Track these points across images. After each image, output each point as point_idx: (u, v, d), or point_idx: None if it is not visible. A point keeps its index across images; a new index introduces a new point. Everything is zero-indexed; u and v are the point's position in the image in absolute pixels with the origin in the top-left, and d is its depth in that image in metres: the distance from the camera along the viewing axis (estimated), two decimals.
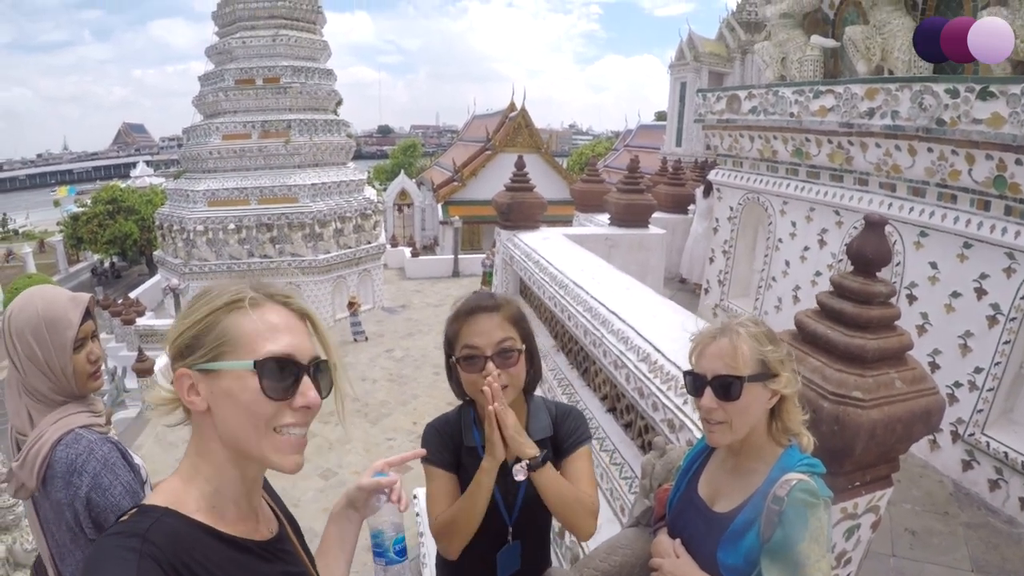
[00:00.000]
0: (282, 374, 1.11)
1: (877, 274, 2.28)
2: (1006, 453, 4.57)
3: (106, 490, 1.87)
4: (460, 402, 2.15)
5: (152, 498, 1.10)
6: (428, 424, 2.16)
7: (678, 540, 1.80)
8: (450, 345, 2.02)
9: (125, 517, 1.05)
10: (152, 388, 1.12)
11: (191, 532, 1.05)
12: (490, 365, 1.89)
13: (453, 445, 2.09)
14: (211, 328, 1.11)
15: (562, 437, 2.12)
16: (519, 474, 1.85)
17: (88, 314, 2.06)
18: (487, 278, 24.93)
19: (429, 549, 6.84)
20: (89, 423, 1.99)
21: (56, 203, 55.60)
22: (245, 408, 1.09)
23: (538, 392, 2.23)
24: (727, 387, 1.58)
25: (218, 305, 1.12)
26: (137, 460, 2.12)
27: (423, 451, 1.89)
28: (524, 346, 1.98)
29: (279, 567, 1.20)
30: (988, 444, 4.71)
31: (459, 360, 1.95)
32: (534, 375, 2.07)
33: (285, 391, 1.12)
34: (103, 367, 2.19)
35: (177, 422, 1.20)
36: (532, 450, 1.87)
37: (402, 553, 1.45)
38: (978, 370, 4.86)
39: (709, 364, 1.62)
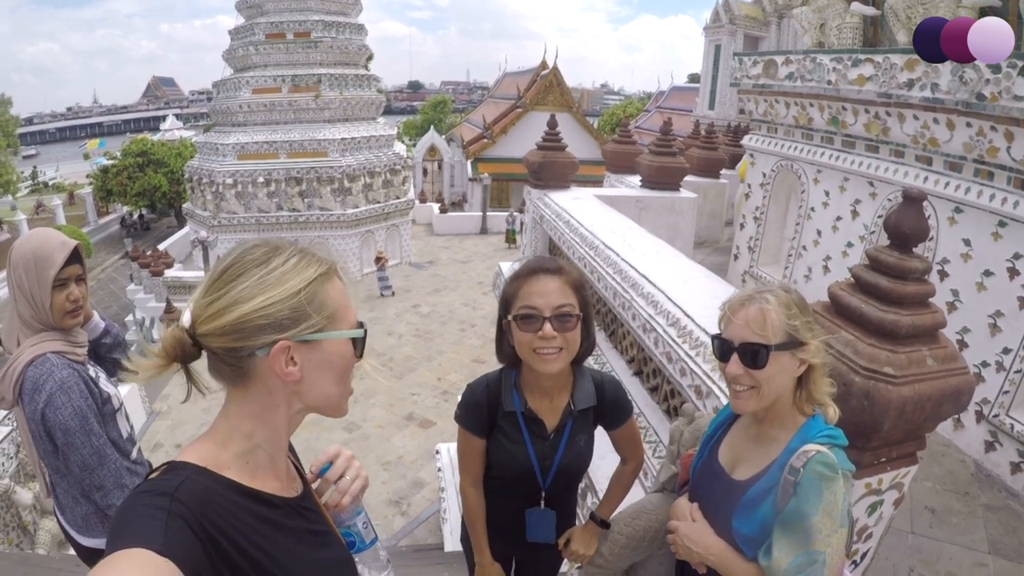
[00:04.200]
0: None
1: (913, 250, 2.26)
2: None
3: (57, 409, 2.14)
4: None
5: (184, 454, 1.10)
6: (469, 384, 2.19)
7: (695, 504, 1.82)
8: (507, 304, 2.00)
9: (155, 473, 1.05)
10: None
11: (220, 490, 1.06)
12: (547, 326, 1.88)
13: (490, 410, 2.11)
14: (312, 299, 1.12)
15: (606, 409, 2.15)
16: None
17: (77, 259, 2.30)
18: (510, 235, 24.94)
19: (451, 504, 6.93)
20: (62, 350, 2.26)
21: (86, 156, 56.30)
22: (343, 370, 1.20)
23: None
24: (754, 355, 1.57)
25: (313, 276, 1.13)
26: (108, 391, 2.41)
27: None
28: (582, 313, 1.97)
29: (303, 524, 1.22)
30: (1012, 426, 4.67)
31: (516, 318, 1.94)
32: (588, 345, 2.06)
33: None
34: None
35: (185, 399, 1.27)
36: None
37: (367, 526, 1.43)
38: (1006, 351, 4.80)
39: (737, 331, 1.62)
